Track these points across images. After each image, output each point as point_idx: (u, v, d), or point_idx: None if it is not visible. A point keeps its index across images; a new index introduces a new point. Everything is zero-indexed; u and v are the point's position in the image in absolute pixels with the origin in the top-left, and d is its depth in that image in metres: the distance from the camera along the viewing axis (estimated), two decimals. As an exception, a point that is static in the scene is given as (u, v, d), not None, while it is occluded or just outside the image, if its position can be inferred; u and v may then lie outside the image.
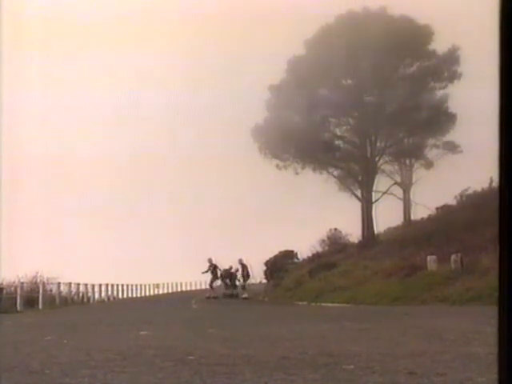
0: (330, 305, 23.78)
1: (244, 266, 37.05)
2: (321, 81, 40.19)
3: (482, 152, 28.69)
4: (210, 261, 36.87)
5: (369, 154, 40.97)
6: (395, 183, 45.00)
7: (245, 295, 35.80)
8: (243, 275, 36.86)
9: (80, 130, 72.94)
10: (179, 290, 62.85)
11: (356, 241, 42.09)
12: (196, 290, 58.50)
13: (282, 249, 42.06)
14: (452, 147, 41.02)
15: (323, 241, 43.38)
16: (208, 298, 35.38)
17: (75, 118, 68.56)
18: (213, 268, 36.87)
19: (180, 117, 61.02)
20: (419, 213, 44.30)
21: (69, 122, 68.17)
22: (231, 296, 36.09)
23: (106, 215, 74.58)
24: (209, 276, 37.51)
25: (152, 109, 69.74)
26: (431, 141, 41.38)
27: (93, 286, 36.93)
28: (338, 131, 42.29)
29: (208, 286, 38.19)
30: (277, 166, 41.88)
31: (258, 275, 41.87)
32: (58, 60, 60.64)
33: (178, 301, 33.41)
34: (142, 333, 9.71)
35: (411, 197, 46.72)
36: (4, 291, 26.69)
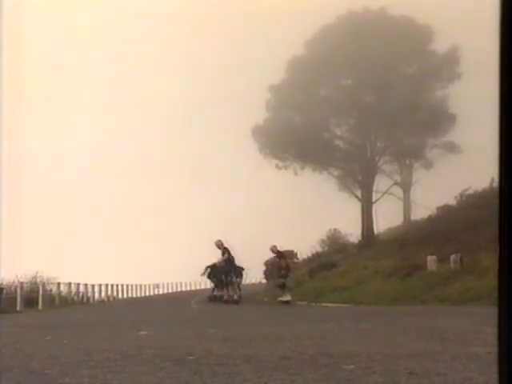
0: (329, 305, 23.77)
1: (281, 256, 27.02)
2: (321, 81, 40.24)
3: (482, 152, 28.71)
4: (218, 244, 26.38)
5: (369, 154, 41.02)
6: (395, 183, 45.07)
7: (287, 298, 25.09)
8: (281, 268, 26.39)
9: (80, 131, 73.03)
10: (179, 289, 62.85)
11: (356, 241, 42.15)
12: (197, 290, 58.50)
13: (282, 249, 41.98)
14: (452, 147, 41.06)
15: (323, 241, 43.45)
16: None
17: (76, 118, 68.60)
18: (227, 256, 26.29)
19: (180, 117, 61.11)
20: (419, 213, 44.40)
21: (70, 123, 68.22)
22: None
23: (106, 215, 74.72)
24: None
25: (153, 109, 69.90)
26: (431, 141, 41.43)
27: (93, 286, 36.92)
28: (337, 131, 42.36)
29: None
30: (277, 166, 41.94)
31: (257, 275, 41.91)
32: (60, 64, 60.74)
33: (178, 301, 33.38)
34: (141, 333, 9.70)
35: (411, 197, 46.82)
36: (4, 291, 26.68)
